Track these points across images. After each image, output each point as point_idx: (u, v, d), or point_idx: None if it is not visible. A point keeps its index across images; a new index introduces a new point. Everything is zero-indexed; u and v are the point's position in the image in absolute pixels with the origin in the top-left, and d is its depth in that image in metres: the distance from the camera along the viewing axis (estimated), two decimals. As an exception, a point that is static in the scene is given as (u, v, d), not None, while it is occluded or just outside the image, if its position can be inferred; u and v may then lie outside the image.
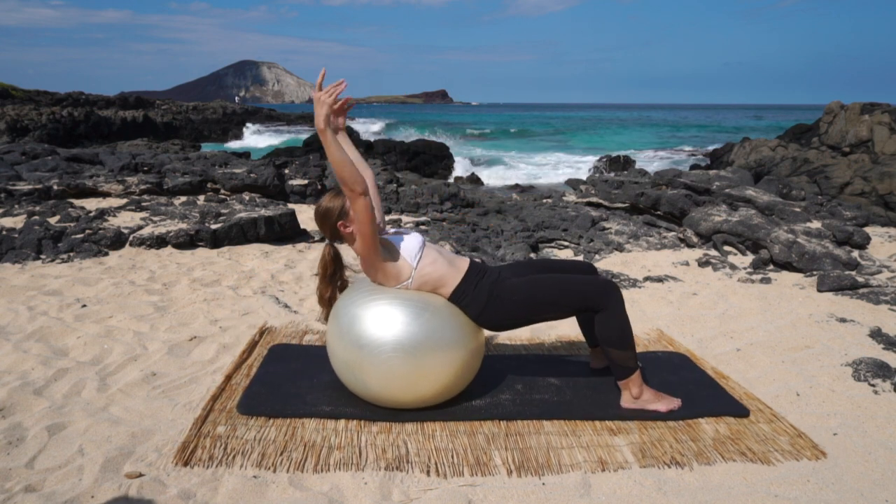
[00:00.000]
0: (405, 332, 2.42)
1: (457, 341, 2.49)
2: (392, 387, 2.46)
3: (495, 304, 2.52)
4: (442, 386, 2.50)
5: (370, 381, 2.47)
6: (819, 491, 2.11)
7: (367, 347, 2.43)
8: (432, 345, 2.44)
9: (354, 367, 2.48)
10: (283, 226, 5.82)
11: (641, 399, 2.59)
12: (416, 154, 18.66)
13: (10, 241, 5.07)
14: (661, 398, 2.61)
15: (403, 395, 2.48)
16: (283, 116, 53.34)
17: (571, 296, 2.52)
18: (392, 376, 2.43)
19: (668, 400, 2.61)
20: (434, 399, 2.54)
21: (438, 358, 2.44)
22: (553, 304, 2.52)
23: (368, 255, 2.47)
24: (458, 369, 2.50)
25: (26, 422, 2.43)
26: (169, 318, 3.69)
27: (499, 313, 2.54)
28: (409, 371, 2.42)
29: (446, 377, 2.48)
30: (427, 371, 2.44)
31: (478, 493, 2.06)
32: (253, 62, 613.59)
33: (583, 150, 33.69)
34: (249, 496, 2.02)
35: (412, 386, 2.46)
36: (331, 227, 2.53)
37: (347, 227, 2.51)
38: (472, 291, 2.53)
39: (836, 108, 15.50)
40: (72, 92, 38.59)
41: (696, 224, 6.12)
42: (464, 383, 2.61)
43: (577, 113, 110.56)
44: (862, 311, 3.97)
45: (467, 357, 2.53)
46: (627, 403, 2.61)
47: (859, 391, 2.85)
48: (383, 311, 2.46)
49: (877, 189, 11.76)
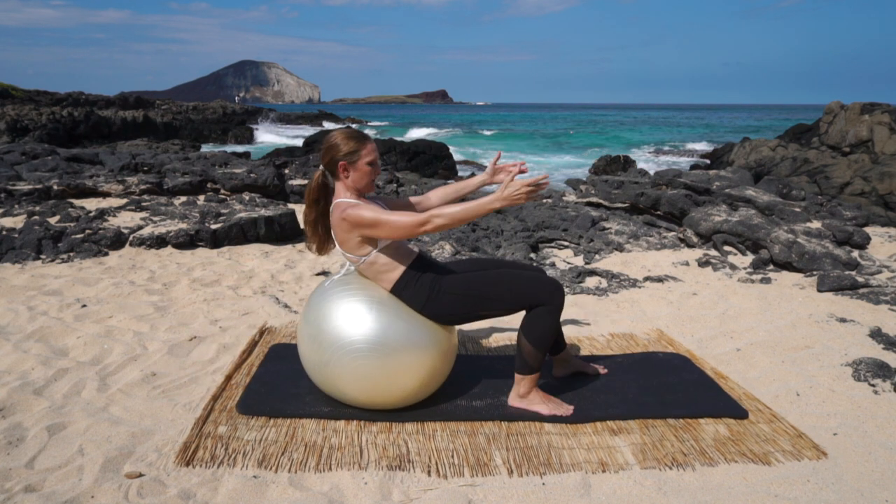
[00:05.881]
0: (375, 332, 2.41)
1: (428, 342, 2.48)
2: (361, 387, 2.45)
3: (439, 298, 2.50)
4: (412, 387, 2.48)
5: (339, 381, 2.46)
6: (819, 491, 2.11)
7: (335, 348, 2.42)
8: (403, 345, 2.42)
9: (323, 367, 2.47)
10: (283, 226, 5.82)
11: (528, 398, 2.59)
12: (417, 154, 18.66)
13: (10, 241, 5.07)
14: (549, 401, 2.60)
15: (372, 396, 2.47)
16: (284, 117, 53.53)
17: (516, 291, 2.51)
18: (360, 377, 2.42)
19: (556, 404, 2.59)
20: (404, 401, 2.52)
21: (408, 359, 2.43)
22: (498, 298, 2.51)
23: (354, 222, 2.43)
24: (428, 370, 2.48)
25: (26, 422, 2.43)
26: (169, 318, 3.69)
27: (443, 306, 2.51)
28: (378, 372, 2.41)
29: (417, 378, 2.47)
30: (397, 372, 2.42)
31: (478, 493, 2.06)
32: (253, 62, 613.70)
33: (583, 150, 33.68)
34: (249, 496, 2.02)
35: (381, 387, 2.44)
36: (330, 160, 2.51)
37: (347, 170, 2.50)
38: (415, 284, 2.51)
39: (836, 108, 15.50)
40: (72, 92, 38.62)
41: (696, 224, 6.12)
42: (435, 384, 2.59)
43: (576, 113, 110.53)
44: (862, 311, 3.97)
45: (438, 358, 2.50)
46: (514, 401, 2.62)
47: (859, 391, 2.85)
48: (353, 310, 2.45)
49: (877, 189, 11.76)
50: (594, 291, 4.51)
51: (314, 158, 12.00)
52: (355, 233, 2.45)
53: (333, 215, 2.52)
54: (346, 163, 2.49)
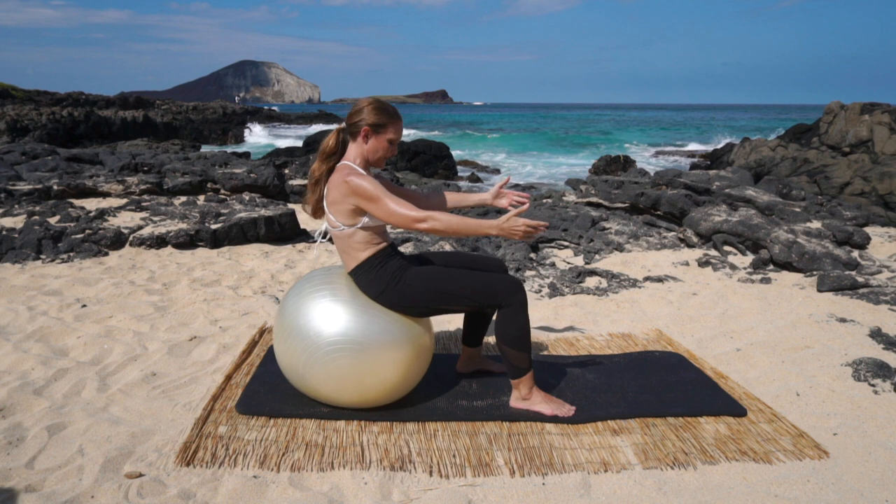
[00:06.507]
0: (350, 329, 2.41)
1: (403, 339, 2.47)
2: (335, 386, 2.45)
3: (398, 289, 2.50)
4: (387, 385, 2.48)
5: (313, 380, 2.46)
6: (819, 491, 2.11)
7: (309, 346, 2.42)
8: (377, 342, 2.42)
9: (298, 366, 2.47)
10: (283, 226, 5.82)
11: (530, 400, 2.60)
12: (416, 154, 18.65)
13: (10, 241, 5.07)
14: (551, 401, 2.60)
15: (348, 394, 2.47)
16: (284, 116, 53.49)
17: (477, 289, 2.51)
18: (335, 375, 2.42)
19: (557, 404, 2.60)
20: (377, 400, 2.52)
21: (383, 356, 2.43)
22: (458, 295, 2.51)
23: (354, 189, 2.42)
24: (403, 368, 2.48)
25: (26, 422, 2.43)
26: (169, 318, 3.69)
27: (401, 297, 2.50)
28: (353, 369, 2.41)
29: (392, 376, 2.47)
30: (371, 369, 2.42)
31: (478, 493, 2.06)
32: (253, 62, 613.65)
33: (583, 150, 33.69)
34: (249, 496, 2.02)
35: (356, 384, 2.44)
36: (355, 123, 2.54)
37: (368, 137, 2.53)
38: (378, 270, 2.51)
39: (836, 108, 15.50)
40: (72, 92, 38.62)
41: (696, 224, 6.12)
42: (411, 383, 2.59)
43: (576, 113, 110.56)
44: (862, 311, 3.97)
45: (412, 356, 2.50)
46: (516, 403, 2.62)
47: (859, 391, 2.85)
48: (328, 308, 2.45)
49: (877, 189, 11.76)
50: (594, 291, 4.52)
51: (314, 158, 11.99)
52: (350, 200, 2.45)
53: (336, 174, 2.52)
54: (370, 129, 2.52)
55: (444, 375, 2.91)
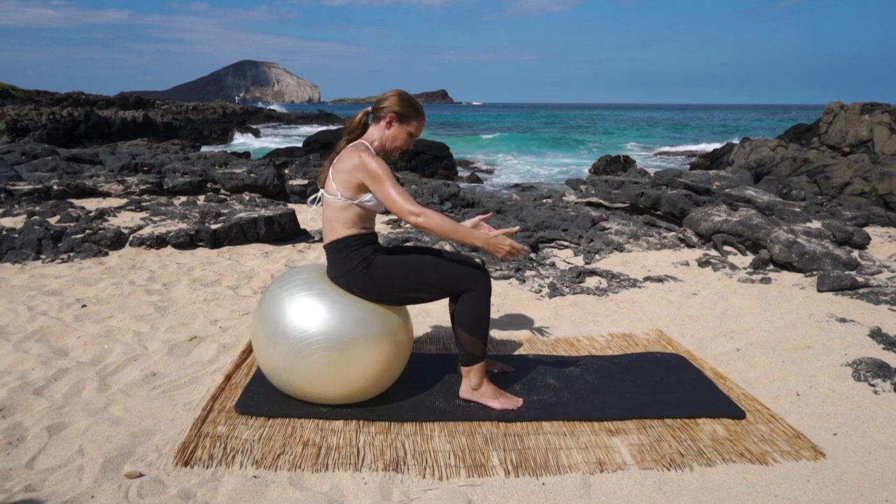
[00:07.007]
0: (328, 325, 2.42)
1: (382, 334, 2.48)
2: (314, 382, 2.45)
3: (365, 273, 2.51)
4: (365, 381, 2.49)
5: (292, 377, 2.47)
6: (819, 491, 2.11)
7: (289, 343, 2.43)
8: (355, 338, 2.43)
9: (278, 364, 2.48)
10: (283, 226, 5.82)
11: (479, 391, 2.61)
12: (416, 154, 18.65)
13: (10, 241, 5.07)
14: (500, 395, 2.62)
15: (329, 390, 2.48)
16: (284, 116, 53.48)
17: (441, 275, 2.54)
18: (314, 371, 2.43)
19: (506, 398, 2.62)
20: (354, 395, 2.53)
21: (362, 351, 2.43)
22: (422, 282, 2.54)
23: (363, 164, 2.47)
24: (381, 363, 2.49)
25: (26, 422, 2.43)
26: (169, 318, 3.69)
27: (368, 282, 2.52)
28: (332, 365, 2.42)
29: (370, 371, 2.47)
30: (350, 365, 2.43)
31: (477, 493, 2.06)
32: (253, 62, 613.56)
33: (582, 150, 33.68)
34: (249, 496, 2.02)
35: (335, 380, 2.45)
36: (381, 108, 2.61)
37: (391, 124, 2.60)
38: (350, 250, 2.53)
39: (836, 108, 15.50)
40: (72, 92, 38.64)
41: (696, 224, 6.12)
42: (389, 379, 2.60)
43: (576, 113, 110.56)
44: (862, 311, 3.97)
45: (391, 350, 2.51)
46: (465, 394, 2.64)
47: (859, 391, 2.85)
48: (306, 305, 2.46)
49: (877, 189, 11.76)
50: (594, 291, 4.52)
51: (314, 159, 11.99)
52: (358, 174, 2.49)
53: (351, 149, 2.57)
54: (395, 116, 2.59)
55: (443, 375, 2.91)
